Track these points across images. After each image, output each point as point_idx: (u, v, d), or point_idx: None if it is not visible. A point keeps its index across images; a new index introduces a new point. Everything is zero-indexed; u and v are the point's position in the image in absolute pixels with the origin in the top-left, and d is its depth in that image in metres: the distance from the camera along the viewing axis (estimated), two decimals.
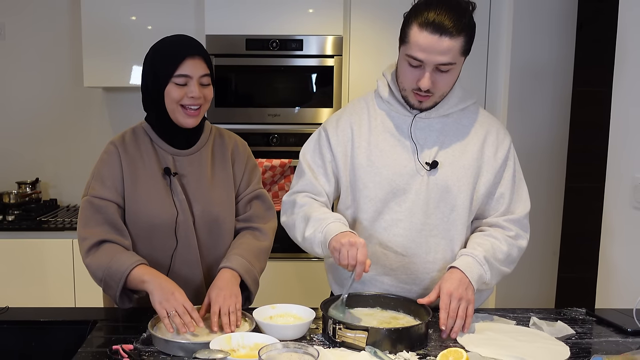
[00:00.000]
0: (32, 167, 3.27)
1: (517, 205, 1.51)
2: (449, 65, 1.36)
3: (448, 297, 1.32)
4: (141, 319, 1.38)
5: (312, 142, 1.57)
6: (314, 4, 2.79)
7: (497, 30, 2.81)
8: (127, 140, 1.54)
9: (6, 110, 3.26)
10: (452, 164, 1.46)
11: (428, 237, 1.47)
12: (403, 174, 1.45)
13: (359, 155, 1.49)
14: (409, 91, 1.43)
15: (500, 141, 1.50)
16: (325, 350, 1.22)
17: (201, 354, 1.12)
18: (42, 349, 1.42)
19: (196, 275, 1.53)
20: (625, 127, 1.90)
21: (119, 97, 3.21)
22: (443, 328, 1.30)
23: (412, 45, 1.34)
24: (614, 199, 1.94)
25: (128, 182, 1.49)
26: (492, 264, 1.41)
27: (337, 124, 1.54)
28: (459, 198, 1.45)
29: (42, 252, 2.78)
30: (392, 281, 1.50)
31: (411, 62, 1.37)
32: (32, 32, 3.21)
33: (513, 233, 1.48)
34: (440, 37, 1.31)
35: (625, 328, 1.37)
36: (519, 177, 1.53)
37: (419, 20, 1.33)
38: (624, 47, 1.91)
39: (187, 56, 1.43)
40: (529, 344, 1.26)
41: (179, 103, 1.45)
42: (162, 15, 2.88)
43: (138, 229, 1.50)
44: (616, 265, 1.92)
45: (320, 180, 1.53)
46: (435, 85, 1.39)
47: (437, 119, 1.49)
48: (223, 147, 1.61)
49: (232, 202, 1.58)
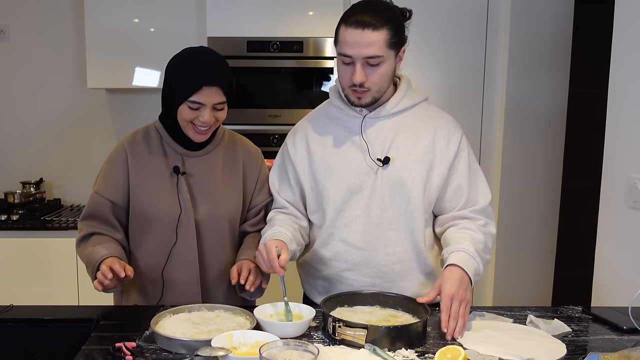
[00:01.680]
0: (37, 167, 3.29)
1: (478, 195, 1.55)
2: (377, 58, 1.42)
3: (450, 300, 1.34)
4: (144, 317, 1.39)
5: (277, 158, 1.66)
6: (314, 7, 2.81)
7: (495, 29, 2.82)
8: (137, 139, 1.58)
9: (11, 111, 3.28)
10: (404, 159, 1.51)
11: (386, 230, 1.51)
12: (358, 172, 1.51)
13: (316, 160, 1.55)
14: (347, 89, 1.49)
15: (451, 134, 1.55)
16: (325, 347, 1.22)
17: (203, 351, 1.13)
18: (46, 346, 1.43)
19: (191, 274, 1.55)
20: (621, 128, 1.91)
21: (122, 98, 3.23)
22: (445, 331, 1.31)
23: (341, 43, 1.44)
24: (610, 199, 1.94)
25: (134, 180, 1.54)
26: (480, 255, 1.45)
27: (294, 136, 1.62)
28: (413, 191, 1.50)
29: (46, 251, 2.80)
30: (355, 276, 1.54)
31: (343, 59, 1.45)
32: (37, 34, 3.23)
33: (482, 222, 1.53)
34: (364, 31, 1.40)
35: (621, 326, 1.38)
36: (475, 168, 1.57)
37: (344, 21, 1.44)
38: (620, 48, 1.92)
39: (205, 86, 1.44)
40: (526, 342, 1.27)
41: (190, 122, 1.49)
42: (165, 18, 2.90)
43: (140, 223, 1.55)
44: (612, 263, 1.93)
45: (283, 193, 1.61)
46: (369, 80, 1.44)
47: (387, 117, 1.54)
48: (235, 153, 1.64)
49: (239, 206, 1.61)
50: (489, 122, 2.85)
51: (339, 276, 1.56)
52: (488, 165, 2.87)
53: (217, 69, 1.47)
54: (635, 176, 1.82)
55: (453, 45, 2.81)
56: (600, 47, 2.39)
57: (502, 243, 2.83)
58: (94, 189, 1.57)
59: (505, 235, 2.83)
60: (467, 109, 2.85)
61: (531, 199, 2.87)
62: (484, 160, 2.87)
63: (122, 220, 1.58)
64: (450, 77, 2.84)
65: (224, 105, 1.50)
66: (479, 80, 2.86)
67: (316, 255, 1.58)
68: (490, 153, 2.87)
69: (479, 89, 2.87)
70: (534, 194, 2.87)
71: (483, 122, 2.86)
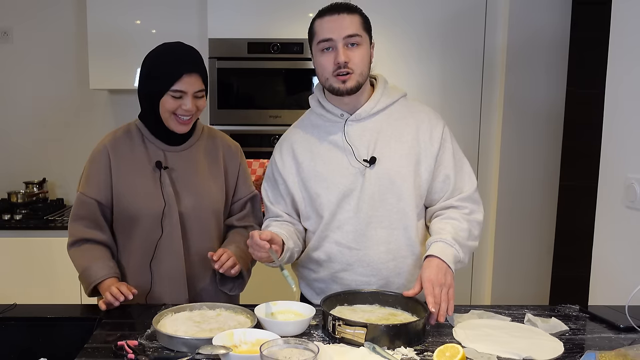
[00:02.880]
0: (40, 167, 3.30)
1: (464, 183, 1.57)
2: (356, 37, 1.48)
3: (430, 284, 1.36)
4: (146, 316, 1.40)
5: (267, 171, 1.68)
6: (315, 8, 2.76)
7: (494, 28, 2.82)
8: (118, 137, 1.63)
9: (14, 112, 3.29)
10: (391, 157, 1.52)
11: (378, 228, 1.53)
12: (347, 175, 1.53)
13: (305, 169, 1.57)
14: (330, 77, 1.50)
15: (433, 126, 1.56)
16: (325, 346, 1.23)
17: (204, 349, 1.14)
18: (49, 344, 1.43)
19: (178, 265, 1.60)
20: (618, 128, 1.91)
21: (124, 99, 3.25)
22: (433, 310, 1.33)
23: (319, 32, 1.50)
24: (607, 198, 1.94)
25: (117, 177, 1.59)
26: (461, 242, 1.47)
27: (281, 149, 1.64)
28: (404, 187, 1.52)
29: (49, 251, 2.80)
30: (351, 276, 1.55)
31: (323, 46, 1.49)
32: (39, 36, 3.24)
33: (468, 210, 1.54)
34: (340, 15, 1.48)
35: (618, 324, 1.38)
36: (459, 157, 1.59)
37: (318, 16, 1.52)
38: (617, 48, 1.92)
39: (185, 73, 1.50)
40: (524, 340, 1.28)
41: (173, 112, 1.53)
42: (166, 20, 2.91)
43: (126, 220, 1.59)
44: (609, 263, 1.93)
45: (277, 204, 1.63)
46: (351, 60, 1.47)
47: (368, 118, 1.56)
48: (215, 147, 1.69)
49: (222, 198, 1.66)
50: (487, 121, 2.86)
51: (334, 277, 1.57)
52: (486, 164, 2.88)
53: (193, 59, 1.54)
54: (633, 176, 1.82)
55: (451, 44, 2.82)
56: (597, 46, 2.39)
57: (501, 242, 2.84)
58: (79, 190, 1.62)
59: (504, 235, 2.84)
60: (465, 107, 2.86)
61: (529, 198, 2.87)
62: (482, 158, 2.88)
63: (108, 218, 1.63)
64: (448, 75, 2.84)
65: (204, 93, 1.56)
66: (477, 79, 2.87)
67: (310, 258, 1.60)
68: (489, 151, 2.88)
69: (477, 88, 2.88)
70: (532, 193, 2.88)
71: (481, 120, 2.87)
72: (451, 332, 1.34)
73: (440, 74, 2.85)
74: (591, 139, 2.24)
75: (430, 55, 2.83)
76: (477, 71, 2.86)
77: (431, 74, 2.85)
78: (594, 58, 2.55)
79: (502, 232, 2.83)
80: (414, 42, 2.84)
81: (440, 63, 2.84)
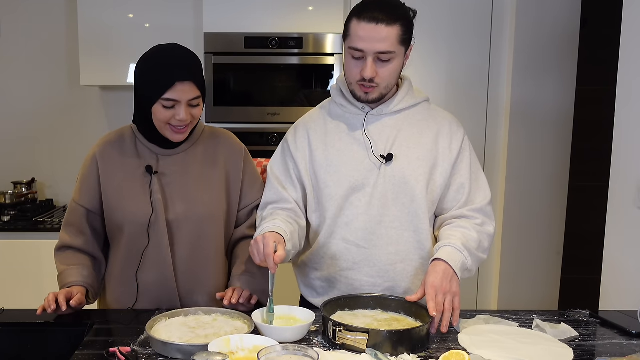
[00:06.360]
0: (28, 166, 3.26)
1: (477, 194, 1.56)
2: (388, 54, 1.43)
3: (433, 290, 1.34)
4: (139, 321, 1.38)
5: (277, 154, 1.65)
6: (314, 2, 2.80)
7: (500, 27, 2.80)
8: (109, 142, 1.58)
9: (1, 109, 3.24)
10: (408, 156, 1.51)
11: (389, 228, 1.51)
12: (360, 170, 1.51)
13: (317, 157, 1.55)
14: (354, 84, 1.49)
15: (453, 133, 1.56)
16: (325, 352, 1.21)
17: (200, 356, 1.11)
18: (39, 351, 1.41)
19: (166, 276, 1.52)
20: (630, 127, 1.90)
21: (116, 95, 3.21)
22: (434, 314, 1.30)
23: (353, 37, 1.44)
24: (618, 200, 1.93)
25: (106, 184, 1.54)
26: (470, 250, 1.45)
27: (295, 132, 1.61)
28: (416, 189, 1.50)
29: (39, 253, 2.76)
30: (356, 275, 1.53)
31: (354, 54, 1.45)
32: (28, 30, 3.20)
33: (479, 221, 1.53)
34: (377, 25, 1.40)
35: (630, 330, 1.37)
36: (476, 168, 1.58)
37: (357, 15, 1.44)
38: (628, 44, 1.91)
39: (177, 81, 1.41)
40: (532, 346, 1.26)
41: (167, 122, 1.46)
42: (160, 13, 2.88)
43: (114, 227, 1.55)
44: (620, 266, 1.92)
45: (287, 188, 1.59)
46: (379, 75, 1.45)
47: (389, 115, 1.54)
48: (216, 149, 1.61)
49: (220, 203, 1.58)
50: (494, 122, 2.84)
51: (339, 275, 1.55)
52: (493, 166, 2.86)
53: (187, 64, 1.45)
54: None
55: (457, 44, 2.80)
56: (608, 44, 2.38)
57: (508, 245, 2.82)
58: (72, 197, 1.59)
59: (511, 237, 2.82)
60: (471, 108, 2.84)
61: (537, 200, 2.85)
62: (488, 160, 2.86)
63: (97, 227, 1.59)
64: (454, 76, 2.82)
65: (199, 100, 1.48)
66: (484, 79, 2.85)
67: (316, 254, 1.57)
68: (495, 153, 2.86)
69: (484, 88, 2.86)
70: (540, 195, 2.86)
71: (488, 121, 2.86)
72: (456, 338, 1.32)
73: (446, 74, 2.83)
74: (602, 138, 2.22)
75: (436, 55, 2.81)
76: (483, 70, 2.84)
77: (437, 74, 2.82)
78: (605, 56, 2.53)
79: (510, 234, 2.81)
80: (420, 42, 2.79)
81: (446, 63, 2.81)
